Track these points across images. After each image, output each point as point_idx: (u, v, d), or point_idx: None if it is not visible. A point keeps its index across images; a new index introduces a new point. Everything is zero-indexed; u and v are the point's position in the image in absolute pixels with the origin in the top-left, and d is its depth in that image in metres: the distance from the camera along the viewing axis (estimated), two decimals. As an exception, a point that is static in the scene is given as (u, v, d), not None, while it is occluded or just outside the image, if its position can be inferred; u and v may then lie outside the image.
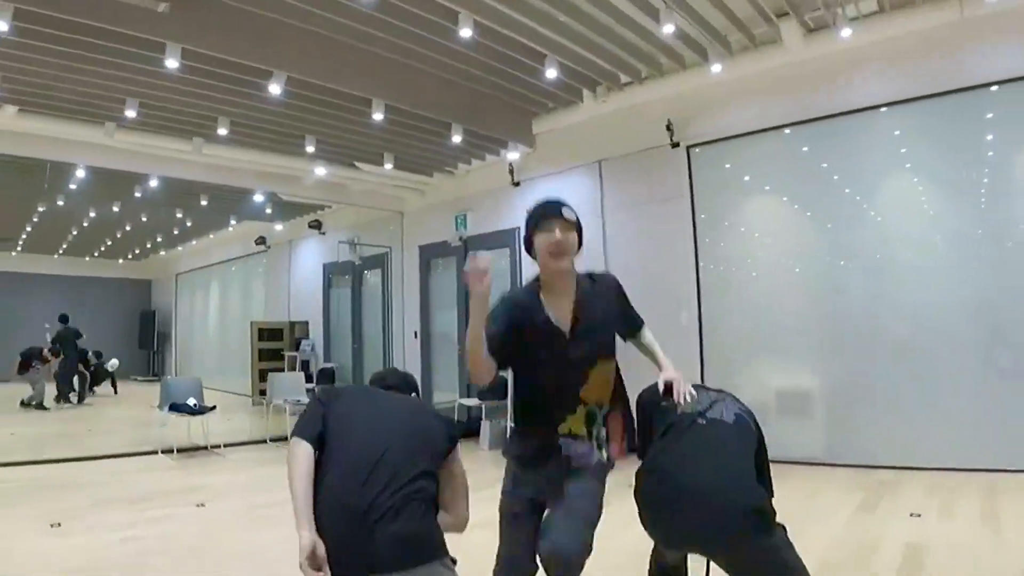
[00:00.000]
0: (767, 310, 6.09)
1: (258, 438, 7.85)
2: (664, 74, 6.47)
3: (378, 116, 6.26)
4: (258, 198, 9.81)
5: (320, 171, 8.31)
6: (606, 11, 5.15)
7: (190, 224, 12.66)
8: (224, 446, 7.18)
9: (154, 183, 8.39)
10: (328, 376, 10.48)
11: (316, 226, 11.42)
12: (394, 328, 9.80)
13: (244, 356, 12.08)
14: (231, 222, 12.48)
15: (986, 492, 4.39)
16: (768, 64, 5.97)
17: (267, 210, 10.81)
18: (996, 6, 4.93)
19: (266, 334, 11.66)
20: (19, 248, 15.14)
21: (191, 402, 7.11)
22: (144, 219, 11.92)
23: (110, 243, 14.91)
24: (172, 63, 4.87)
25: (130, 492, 5.28)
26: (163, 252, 16.68)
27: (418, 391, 2.27)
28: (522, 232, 2.18)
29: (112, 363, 13.53)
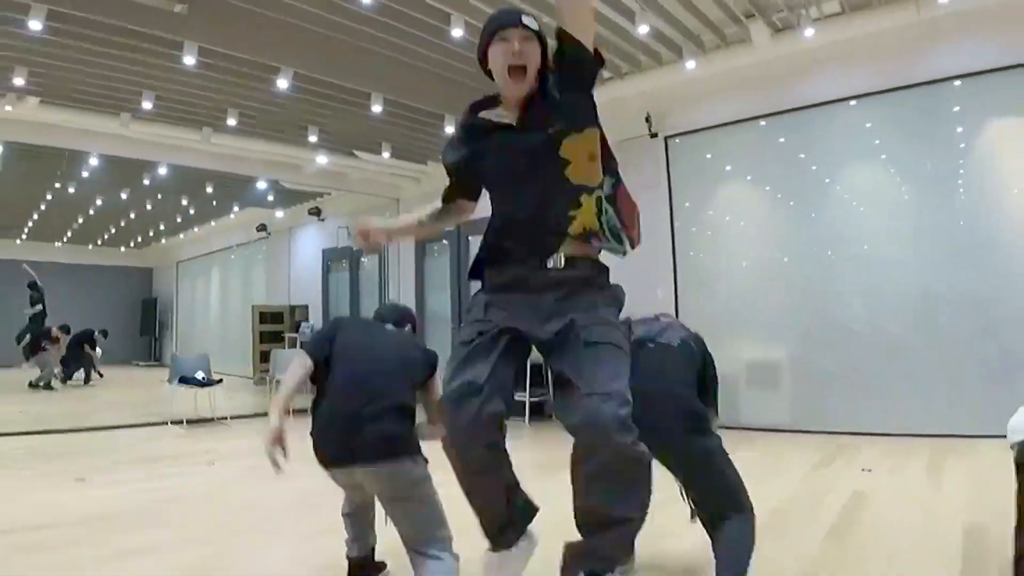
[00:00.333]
0: (738, 290, 6.55)
1: (262, 411, 8.13)
2: (643, 70, 6.90)
3: (377, 108, 6.71)
4: (261, 185, 10.23)
5: (321, 160, 8.74)
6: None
7: (192, 212, 12.97)
8: (230, 418, 7.59)
9: (163, 171, 8.79)
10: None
11: (316, 213, 11.77)
12: (390, 310, 10.19)
13: (245, 341, 12.42)
14: (233, 209, 12.85)
15: (935, 453, 4.69)
16: (739, 62, 6.42)
17: (269, 197, 11.20)
18: (948, 7, 5.35)
19: (267, 317, 12.06)
20: (24, 236, 15.45)
21: (199, 375, 7.54)
22: (148, 207, 12.25)
23: (113, 231, 15.22)
24: (189, 59, 5.32)
25: (145, 454, 5.69)
26: (164, 240, 16.97)
27: (414, 323, 2.71)
28: None
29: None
